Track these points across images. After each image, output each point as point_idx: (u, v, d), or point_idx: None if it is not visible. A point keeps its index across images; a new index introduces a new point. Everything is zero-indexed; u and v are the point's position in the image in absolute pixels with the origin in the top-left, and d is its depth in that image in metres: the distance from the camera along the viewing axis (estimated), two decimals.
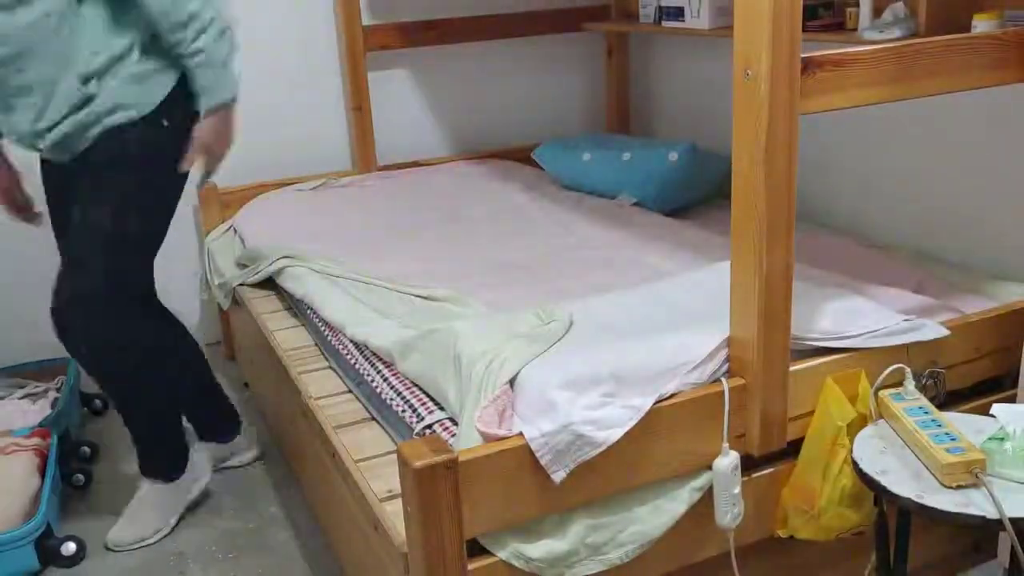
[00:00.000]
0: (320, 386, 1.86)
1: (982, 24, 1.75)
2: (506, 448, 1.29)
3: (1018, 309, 1.67)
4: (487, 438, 1.32)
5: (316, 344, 2.06)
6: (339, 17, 2.88)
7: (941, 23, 1.89)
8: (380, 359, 1.77)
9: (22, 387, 2.53)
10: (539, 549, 1.35)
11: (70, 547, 1.95)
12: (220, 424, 2.25)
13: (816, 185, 2.51)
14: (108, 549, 1.99)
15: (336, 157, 3.04)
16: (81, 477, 2.23)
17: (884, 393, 1.47)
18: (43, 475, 2.05)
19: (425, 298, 1.94)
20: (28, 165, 1.95)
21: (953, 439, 1.32)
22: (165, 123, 1.80)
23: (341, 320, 1.93)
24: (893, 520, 1.45)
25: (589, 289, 1.94)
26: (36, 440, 2.15)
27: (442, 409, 1.55)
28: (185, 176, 1.87)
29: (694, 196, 2.64)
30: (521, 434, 1.31)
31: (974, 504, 1.23)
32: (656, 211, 2.56)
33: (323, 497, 1.85)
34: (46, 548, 1.92)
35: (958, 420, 1.42)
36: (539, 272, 2.12)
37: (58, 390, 2.49)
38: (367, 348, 1.82)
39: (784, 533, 1.52)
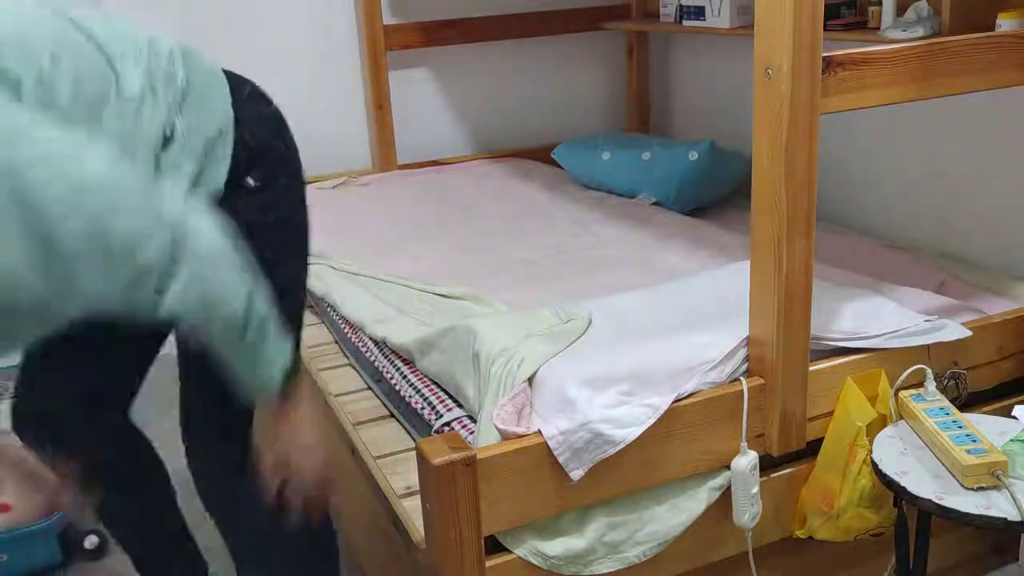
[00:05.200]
0: (340, 383, 1.87)
1: (1007, 23, 1.73)
2: (524, 446, 1.29)
3: None
4: (505, 435, 1.32)
5: (336, 341, 2.07)
6: (360, 16, 2.90)
7: (965, 22, 1.87)
8: (399, 356, 1.78)
9: None
10: (557, 547, 1.35)
11: (92, 540, 1.97)
12: None
13: (837, 184, 2.50)
14: None
15: (356, 156, 3.05)
16: None
17: (904, 394, 1.47)
18: None
19: (445, 296, 1.95)
20: None
21: (974, 440, 1.31)
22: None
23: (361, 318, 1.94)
24: (913, 521, 1.44)
25: (608, 288, 1.94)
26: None
27: (461, 406, 1.56)
28: None
29: (714, 195, 2.63)
30: (539, 432, 1.32)
31: (995, 506, 1.22)
32: (676, 210, 2.56)
33: (342, 492, 1.86)
34: (69, 541, 1.95)
35: (980, 421, 1.42)
36: (558, 271, 2.12)
37: None
38: (386, 346, 1.83)
39: (802, 534, 1.52)
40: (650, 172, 2.63)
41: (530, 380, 1.42)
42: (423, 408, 1.60)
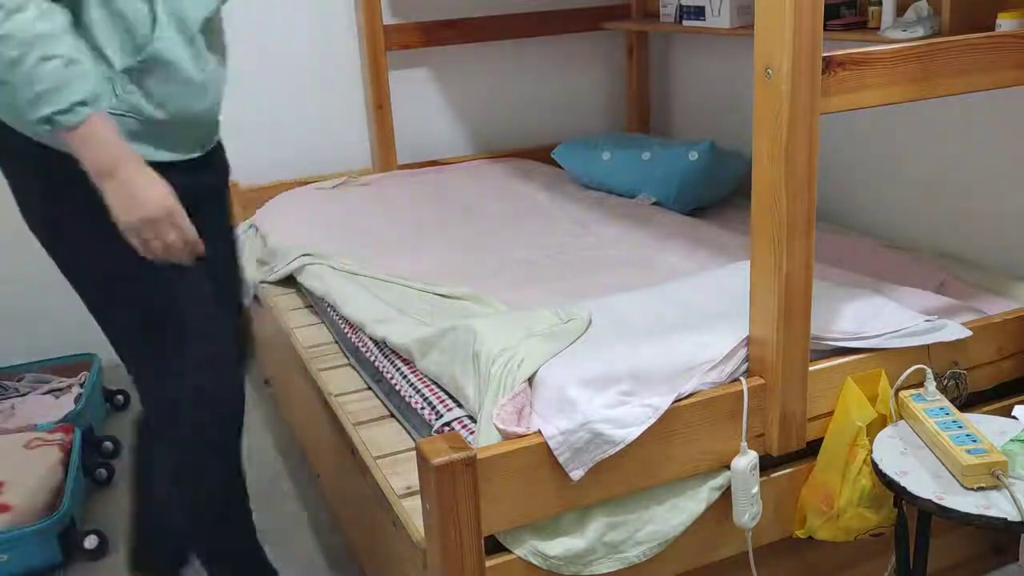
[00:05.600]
0: (340, 383, 1.87)
1: (1007, 23, 1.73)
2: (525, 446, 1.29)
3: None
4: (506, 435, 1.32)
5: (336, 341, 2.07)
6: (360, 16, 2.90)
7: (965, 22, 1.87)
8: (399, 356, 1.78)
9: (46, 382, 2.56)
10: (557, 547, 1.35)
11: (92, 540, 1.97)
12: None
13: (837, 184, 2.50)
14: None
15: (356, 156, 3.05)
16: (104, 472, 2.25)
17: (904, 394, 1.47)
18: (66, 469, 2.08)
19: (445, 296, 1.95)
20: None
21: (974, 440, 1.31)
22: None
23: (361, 318, 1.94)
24: (913, 521, 1.44)
25: (608, 288, 1.94)
26: (60, 435, 2.18)
27: (461, 406, 1.56)
28: None
29: (713, 195, 2.63)
30: (540, 432, 1.32)
31: (995, 506, 1.22)
32: (676, 210, 2.56)
33: (342, 493, 1.86)
34: (69, 541, 1.95)
35: (980, 421, 1.42)
36: (558, 271, 2.12)
37: (81, 385, 2.52)
38: (386, 345, 1.83)
39: (802, 534, 1.52)
40: (650, 172, 2.63)
41: (530, 380, 1.42)
42: (423, 408, 1.60)
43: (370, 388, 1.83)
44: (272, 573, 1.70)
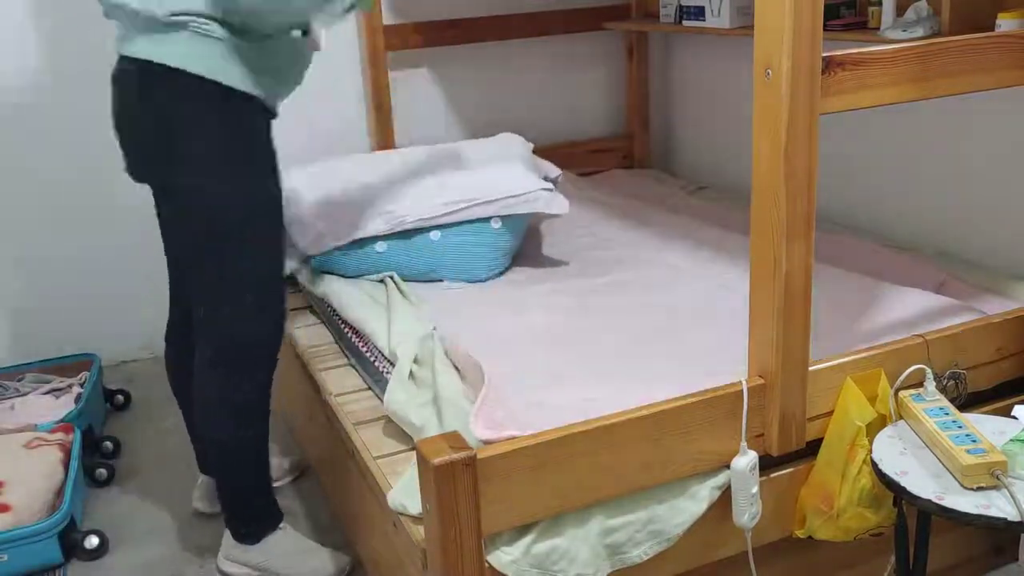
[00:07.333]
0: (340, 383, 1.87)
1: (1006, 23, 1.73)
2: (524, 446, 1.29)
3: None
4: (489, 442, 1.33)
5: (336, 341, 2.07)
6: (360, 16, 2.89)
7: (965, 22, 1.87)
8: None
9: (46, 382, 2.56)
10: (557, 547, 1.35)
11: (93, 540, 1.97)
12: None
13: (837, 185, 2.50)
14: None
15: None
16: (104, 472, 2.25)
17: (904, 394, 1.47)
18: (66, 469, 2.07)
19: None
20: None
21: (974, 440, 1.31)
22: None
23: (360, 318, 1.94)
24: (913, 521, 1.44)
25: (608, 288, 1.94)
26: (60, 435, 2.18)
27: None
28: None
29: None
30: (539, 433, 1.32)
31: (995, 506, 1.22)
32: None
33: (342, 493, 1.86)
34: (69, 541, 1.95)
35: (979, 421, 1.42)
36: (558, 271, 2.12)
37: (82, 385, 2.52)
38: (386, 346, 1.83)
39: (802, 533, 1.52)
40: (443, 258, 2.13)
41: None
42: None
43: (370, 388, 1.83)
44: (279, 515, 1.84)
